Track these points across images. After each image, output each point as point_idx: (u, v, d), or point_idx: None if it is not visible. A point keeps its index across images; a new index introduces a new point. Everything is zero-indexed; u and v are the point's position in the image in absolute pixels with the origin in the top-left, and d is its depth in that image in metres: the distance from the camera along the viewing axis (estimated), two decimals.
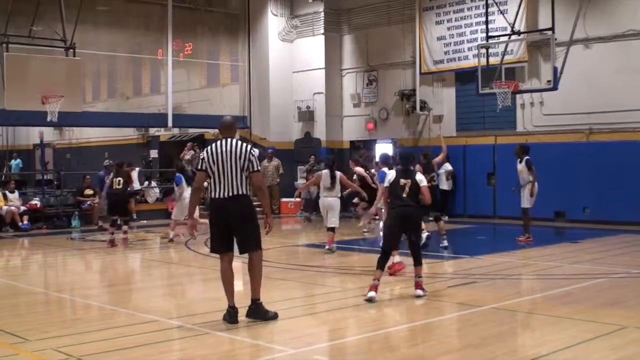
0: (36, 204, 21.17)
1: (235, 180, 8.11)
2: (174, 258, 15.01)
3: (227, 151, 8.16)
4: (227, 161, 8.12)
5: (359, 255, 15.39)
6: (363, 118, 25.38)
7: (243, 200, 8.19)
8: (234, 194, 8.11)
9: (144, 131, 31.25)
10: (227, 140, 8.27)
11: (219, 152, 8.16)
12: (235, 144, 8.23)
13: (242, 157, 8.15)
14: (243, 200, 8.19)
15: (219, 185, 8.14)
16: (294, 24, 26.14)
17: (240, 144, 8.27)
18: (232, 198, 8.11)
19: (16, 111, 18.94)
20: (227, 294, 8.24)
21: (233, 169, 8.11)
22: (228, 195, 8.11)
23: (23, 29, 18.54)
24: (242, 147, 8.24)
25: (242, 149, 8.21)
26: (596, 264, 13.01)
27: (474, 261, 13.47)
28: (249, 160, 8.18)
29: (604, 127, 19.52)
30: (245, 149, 8.24)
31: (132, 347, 7.18)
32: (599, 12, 19.64)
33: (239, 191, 8.14)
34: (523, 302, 9.46)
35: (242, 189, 8.15)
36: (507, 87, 18.71)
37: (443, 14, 22.91)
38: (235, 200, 8.12)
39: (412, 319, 8.57)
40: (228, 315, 8.18)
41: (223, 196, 8.12)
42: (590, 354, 6.90)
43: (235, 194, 8.11)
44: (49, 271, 13.63)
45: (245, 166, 8.15)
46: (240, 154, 8.15)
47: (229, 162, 8.12)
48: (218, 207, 8.20)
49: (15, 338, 7.62)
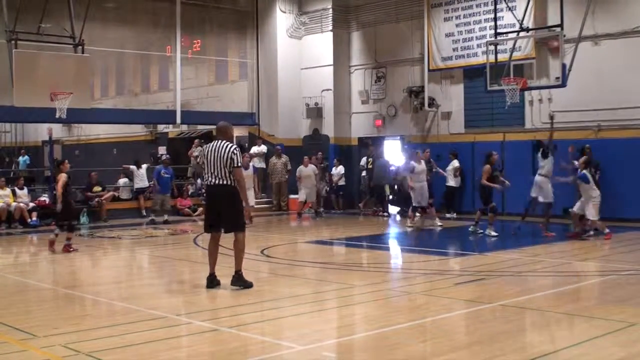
0: (45, 200, 21.21)
1: (220, 172, 9.93)
2: (182, 255, 15.03)
3: (215, 150, 9.99)
4: (214, 157, 9.95)
5: (367, 252, 15.40)
6: (371, 115, 25.36)
7: (226, 188, 9.94)
8: (219, 183, 9.95)
9: (152, 128, 31.30)
10: (219, 141, 10.13)
11: (210, 150, 10.06)
12: (222, 145, 10.02)
13: (225, 156, 9.90)
14: (226, 188, 9.94)
15: (210, 176, 10.03)
16: (302, 20, 26.13)
17: (226, 145, 10.01)
18: (217, 186, 9.97)
19: (25, 108, 18.97)
20: (210, 263, 10.20)
21: (218, 164, 9.93)
22: (214, 183, 9.98)
23: (32, 26, 18.55)
24: (227, 147, 9.98)
25: (226, 149, 9.96)
26: (605, 261, 12.98)
27: (482, 258, 13.46)
28: (230, 158, 9.91)
29: (612, 123, 19.45)
30: (228, 149, 9.95)
31: (141, 344, 7.19)
32: (607, 8, 19.56)
33: (223, 181, 9.94)
34: (531, 299, 9.43)
35: (226, 180, 9.93)
36: (515, 84, 18.65)
37: (452, 11, 22.86)
38: (220, 188, 9.95)
39: (420, 316, 8.56)
40: (208, 281, 10.14)
41: (212, 184, 10.02)
42: (599, 351, 6.88)
43: (220, 183, 9.94)
44: (57, 267, 13.66)
45: (227, 163, 9.89)
46: (223, 153, 9.91)
47: (216, 159, 9.95)
48: (208, 193, 10.26)
49: (24, 334, 7.64)
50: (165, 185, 21.70)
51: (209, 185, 10.07)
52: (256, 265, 12.41)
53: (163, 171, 21.70)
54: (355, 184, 25.41)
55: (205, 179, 10.15)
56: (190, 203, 23.49)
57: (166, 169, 21.85)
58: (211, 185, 10.01)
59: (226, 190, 9.94)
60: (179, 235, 18.33)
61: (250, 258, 11.93)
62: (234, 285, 10.02)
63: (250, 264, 11.72)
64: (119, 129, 31.15)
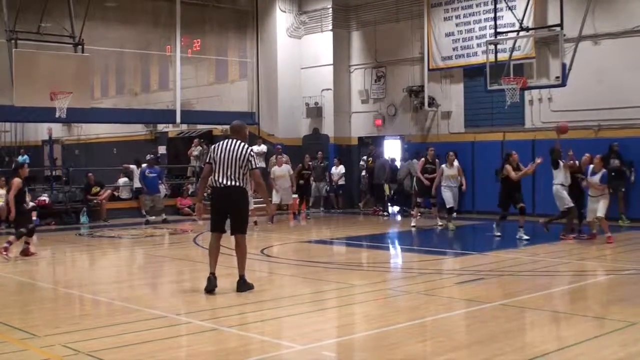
0: (45, 200, 21.19)
1: (234, 173, 9.48)
2: (181, 254, 15.02)
3: (230, 150, 9.54)
4: (228, 157, 9.49)
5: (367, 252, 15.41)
6: (371, 114, 25.36)
7: (238, 189, 9.55)
8: (231, 184, 9.50)
9: (152, 127, 31.28)
10: (233, 141, 9.66)
11: (222, 149, 9.56)
12: (238, 145, 9.61)
13: (241, 157, 9.51)
14: (238, 189, 9.55)
15: (219, 176, 9.52)
16: (302, 20, 26.13)
17: (242, 145, 9.62)
18: (228, 187, 9.51)
19: (25, 107, 18.98)
20: (211, 263, 9.71)
21: (232, 165, 9.48)
22: (225, 184, 9.49)
23: (32, 25, 18.56)
24: (243, 148, 9.58)
25: (243, 150, 9.56)
26: (605, 260, 12.98)
27: (482, 257, 13.45)
28: (247, 160, 9.54)
29: (612, 123, 19.45)
30: (246, 150, 9.57)
31: (141, 343, 7.19)
32: (607, 8, 19.56)
33: (235, 182, 9.51)
34: (531, 298, 9.43)
35: (239, 181, 9.52)
36: (515, 84, 18.66)
37: (451, 10, 22.86)
38: (231, 189, 9.51)
39: (420, 315, 8.55)
40: (208, 281, 9.61)
41: (221, 185, 9.51)
42: (599, 351, 6.88)
43: (232, 184, 9.50)
44: (57, 267, 13.66)
45: (244, 164, 9.51)
46: (240, 154, 9.51)
47: (230, 158, 9.49)
48: (217, 194, 9.64)
49: (24, 334, 7.64)
50: (152, 185, 21.68)
51: (219, 185, 9.52)
52: (256, 265, 12.41)
53: (148, 171, 21.70)
54: (355, 183, 25.42)
55: (215, 179, 9.56)
56: (190, 202, 23.45)
57: (151, 169, 21.84)
58: (222, 186, 9.50)
59: (238, 191, 9.54)
60: (179, 235, 18.33)
61: (250, 258, 11.91)
62: (241, 290, 9.68)
63: (251, 263, 11.70)
64: (118, 128, 31.12)
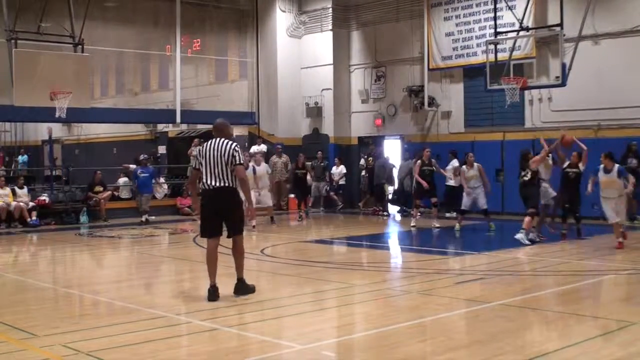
0: (45, 199, 21.19)
1: (221, 173, 9.15)
2: (181, 254, 15.03)
3: (215, 149, 9.22)
4: (214, 156, 9.17)
5: (367, 251, 15.41)
6: (371, 114, 25.35)
7: (228, 190, 9.22)
8: (221, 185, 9.16)
9: (152, 127, 31.29)
10: (217, 140, 9.34)
11: (207, 150, 9.26)
12: (221, 143, 9.26)
13: (226, 153, 9.16)
14: (228, 190, 9.22)
15: (208, 178, 9.20)
16: (302, 20, 26.12)
17: (225, 142, 9.27)
18: (219, 189, 9.17)
19: (25, 107, 18.99)
20: (210, 273, 9.28)
21: (219, 163, 9.15)
22: (216, 186, 9.16)
23: (31, 25, 18.57)
24: (227, 144, 9.24)
25: (227, 146, 9.22)
26: (605, 260, 12.97)
27: (482, 257, 13.45)
28: (232, 155, 9.17)
29: (612, 123, 19.44)
30: (229, 146, 9.22)
31: (141, 343, 7.19)
32: (607, 7, 19.55)
33: (225, 183, 9.17)
34: (531, 298, 9.43)
35: (228, 181, 9.18)
36: (515, 83, 18.66)
37: (451, 10, 22.85)
38: (222, 191, 9.18)
39: (420, 315, 8.55)
40: (209, 294, 9.19)
41: (212, 187, 9.18)
42: (599, 351, 6.88)
43: (222, 185, 9.16)
44: (57, 267, 13.66)
45: (229, 161, 9.14)
46: (224, 151, 9.17)
47: (216, 158, 9.16)
48: (208, 197, 9.26)
49: (24, 333, 7.64)
50: (144, 185, 21.69)
51: (209, 188, 9.17)
52: (256, 265, 12.41)
53: (140, 171, 21.72)
54: (355, 183, 25.42)
55: (204, 181, 9.25)
56: (190, 202, 23.46)
57: (143, 169, 21.85)
58: (212, 188, 9.16)
59: (229, 192, 9.20)
60: (179, 235, 18.34)
61: (250, 257, 11.92)
62: (241, 294, 9.38)
63: (251, 263, 11.71)
64: (118, 128, 31.13)
